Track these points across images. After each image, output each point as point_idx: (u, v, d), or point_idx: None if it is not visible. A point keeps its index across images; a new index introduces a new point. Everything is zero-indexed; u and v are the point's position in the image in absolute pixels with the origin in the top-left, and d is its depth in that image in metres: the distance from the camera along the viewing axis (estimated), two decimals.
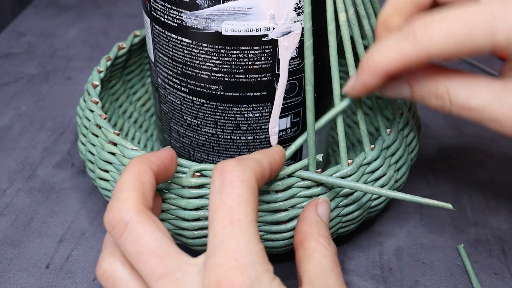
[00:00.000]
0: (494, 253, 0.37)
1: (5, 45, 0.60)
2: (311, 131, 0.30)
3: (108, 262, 0.25)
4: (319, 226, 0.28)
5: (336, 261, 0.27)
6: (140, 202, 0.24)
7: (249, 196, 0.24)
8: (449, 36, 0.23)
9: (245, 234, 0.23)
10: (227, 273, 0.22)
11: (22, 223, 0.39)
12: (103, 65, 0.39)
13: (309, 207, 0.30)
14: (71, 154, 0.45)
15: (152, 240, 0.23)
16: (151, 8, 0.32)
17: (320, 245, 0.27)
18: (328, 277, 0.26)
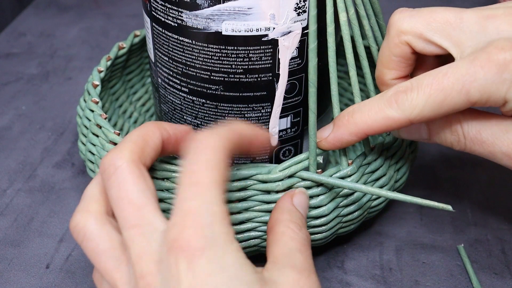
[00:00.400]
0: (494, 253, 0.37)
1: (5, 45, 0.60)
2: (313, 132, 0.30)
3: (81, 216, 0.25)
4: (292, 214, 0.28)
5: (306, 245, 0.26)
6: (136, 155, 0.25)
7: (215, 161, 0.24)
8: (428, 102, 0.25)
9: (206, 195, 0.23)
10: (183, 231, 0.22)
11: (22, 223, 0.39)
12: (103, 65, 0.39)
13: (284, 197, 0.30)
14: (71, 154, 0.45)
15: (135, 190, 0.24)
16: (151, 8, 0.32)
17: (289, 229, 0.27)
18: (295, 257, 0.25)
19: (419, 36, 0.27)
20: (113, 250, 0.25)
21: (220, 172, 0.24)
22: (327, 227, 0.32)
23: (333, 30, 0.29)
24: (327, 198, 0.31)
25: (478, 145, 0.26)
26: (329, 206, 0.32)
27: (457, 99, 0.25)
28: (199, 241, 0.22)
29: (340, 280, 0.35)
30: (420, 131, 0.29)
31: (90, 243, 0.25)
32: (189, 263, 0.22)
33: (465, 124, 0.27)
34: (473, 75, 0.24)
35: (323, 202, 0.31)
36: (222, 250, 0.22)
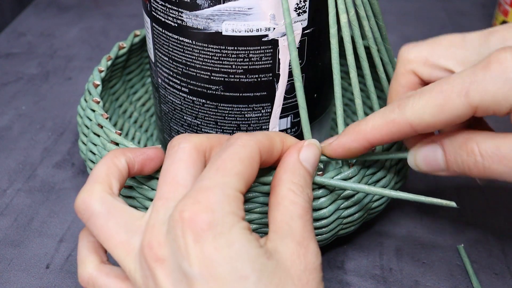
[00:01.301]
0: (494, 253, 0.37)
1: (5, 45, 0.60)
2: (306, 129, 0.30)
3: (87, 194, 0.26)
4: (296, 172, 0.27)
5: (307, 208, 0.26)
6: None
7: (244, 155, 0.25)
8: (428, 105, 0.25)
9: (224, 178, 0.24)
10: (192, 205, 0.23)
11: (22, 223, 0.39)
12: (103, 65, 0.39)
13: (291, 151, 0.28)
14: (71, 154, 0.45)
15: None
16: (152, 8, 0.32)
17: (291, 192, 0.26)
18: (295, 223, 0.25)
19: (425, 62, 0.27)
20: (123, 224, 0.25)
21: (244, 166, 0.25)
22: (328, 229, 0.32)
23: (336, 31, 0.29)
24: (328, 200, 0.31)
25: (497, 162, 0.25)
26: (330, 208, 0.32)
27: (457, 102, 0.24)
28: (206, 216, 0.23)
29: (340, 280, 0.35)
30: (436, 158, 0.28)
31: (98, 219, 0.26)
32: (196, 237, 0.23)
33: (482, 143, 0.25)
34: (473, 77, 0.24)
35: (324, 204, 0.31)
36: (229, 226, 0.23)
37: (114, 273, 0.26)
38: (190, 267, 0.22)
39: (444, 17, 0.66)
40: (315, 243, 0.25)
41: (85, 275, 0.27)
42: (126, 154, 0.28)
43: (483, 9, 0.68)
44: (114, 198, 0.26)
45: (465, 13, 0.67)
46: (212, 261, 0.22)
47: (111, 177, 0.27)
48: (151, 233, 0.24)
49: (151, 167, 0.30)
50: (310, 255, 0.25)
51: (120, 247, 0.25)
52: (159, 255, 0.24)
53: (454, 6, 0.68)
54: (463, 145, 0.26)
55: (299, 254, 0.24)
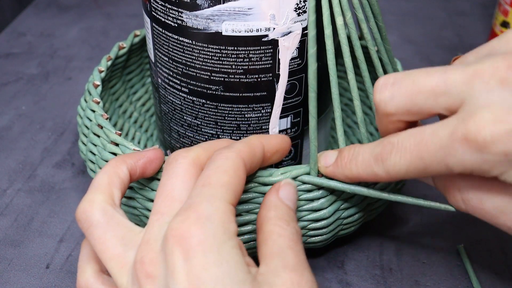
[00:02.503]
0: (494, 253, 0.37)
1: (5, 45, 0.60)
2: (313, 137, 0.30)
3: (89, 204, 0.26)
4: (278, 209, 0.27)
5: (296, 240, 0.26)
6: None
7: (227, 167, 0.25)
8: (410, 169, 0.24)
9: (211, 191, 0.24)
10: (183, 221, 0.23)
11: (22, 223, 0.39)
12: (103, 65, 0.39)
13: (269, 192, 0.29)
14: (71, 154, 0.45)
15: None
16: (151, 8, 0.32)
17: (277, 226, 0.26)
18: (285, 254, 0.25)
19: (407, 113, 0.25)
20: (121, 238, 0.25)
21: (229, 176, 0.25)
22: (328, 230, 0.32)
23: (331, 32, 0.29)
24: (328, 201, 0.31)
25: (481, 215, 0.25)
26: (330, 209, 0.32)
27: (438, 169, 0.23)
28: (197, 232, 0.23)
29: (340, 280, 0.35)
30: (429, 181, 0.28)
31: (96, 230, 0.26)
32: (185, 254, 0.22)
33: (465, 192, 0.25)
34: (452, 150, 0.22)
35: (323, 205, 0.31)
36: (219, 245, 0.23)
37: (109, 283, 0.26)
38: (175, 285, 0.22)
39: (444, 17, 0.66)
40: (310, 273, 0.25)
41: (82, 281, 0.27)
42: (127, 161, 0.28)
43: (483, 9, 0.68)
44: (115, 209, 0.26)
45: (465, 13, 0.67)
46: (199, 280, 0.22)
47: (113, 187, 0.27)
48: (144, 249, 0.24)
49: (152, 169, 0.30)
50: (305, 283, 0.24)
51: (114, 260, 0.25)
52: (149, 272, 0.23)
53: (454, 6, 0.68)
54: (447, 186, 0.26)
55: (293, 283, 0.24)
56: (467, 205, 0.25)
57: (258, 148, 0.28)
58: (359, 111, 0.31)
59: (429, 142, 0.23)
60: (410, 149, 0.24)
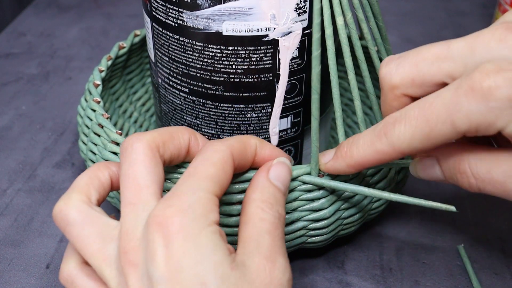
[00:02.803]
0: (494, 253, 0.37)
1: (5, 45, 0.60)
2: (315, 138, 0.30)
3: (64, 203, 0.26)
4: (264, 190, 0.27)
5: (276, 224, 0.26)
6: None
7: (216, 159, 0.26)
8: (415, 135, 0.24)
9: (197, 182, 0.24)
10: (164, 209, 0.23)
11: (22, 223, 0.39)
12: (104, 65, 0.39)
13: (259, 171, 0.28)
14: (71, 154, 0.45)
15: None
16: (152, 8, 0.32)
17: (259, 209, 0.26)
18: (263, 239, 0.25)
19: (412, 83, 0.25)
20: (98, 233, 0.25)
21: (216, 169, 0.25)
22: (328, 230, 0.32)
23: (331, 32, 0.29)
24: (328, 201, 0.31)
25: (491, 185, 0.24)
26: (330, 209, 0.32)
27: (443, 130, 0.23)
28: (177, 218, 0.23)
29: (340, 280, 0.35)
30: (434, 170, 0.27)
31: (73, 228, 0.26)
32: (165, 240, 0.23)
33: (474, 165, 0.25)
34: (457, 104, 0.22)
35: (324, 205, 0.31)
36: (199, 229, 0.23)
37: (94, 277, 0.26)
38: (155, 271, 0.22)
39: (444, 17, 0.66)
40: (284, 258, 0.25)
41: (65, 271, 0.27)
42: (110, 168, 0.28)
43: (483, 9, 0.68)
44: (90, 207, 0.26)
45: (465, 13, 0.67)
46: (179, 264, 0.22)
47: (91, 187, 0.27)
48: (124, 240, 0.24)
49: None
50: (277, 270, 0.24)
51: (95, 255, 0.25)
52: (132, 260, 0.24)
53: (454, 6, 0.68)
54: (456, 165, 0.26)
55: (265, 268, 0.24)
56: (477, 178, 0.25)
57: (250, 147, 0.28)
58: (360, 111, 0.31)
59: (434, 102, 0.23)
60: (414, 115, 0.24)
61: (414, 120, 0.24)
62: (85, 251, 0.25)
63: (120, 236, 0.25)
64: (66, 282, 0.27)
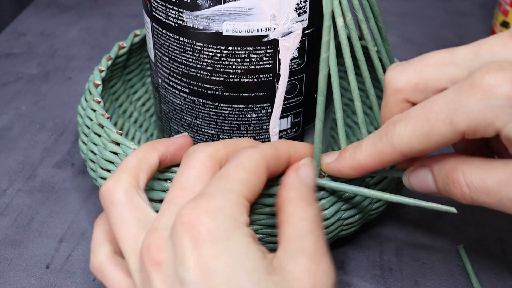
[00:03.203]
0: (494, 253, 0.37)
1: (5, 45, 0.60)
2: (318, 140, 0.30)
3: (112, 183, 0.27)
4: (299, 189, 0.27)
5: (317, 223, 0.25)
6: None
7: (248, 165, 0.25)
8: (414, 134, 0.24)
9: (227, 185, 0.24)
10: (192, 209, 0.23)
11: (22, 223, 0.39)
12: (104, 65, 0.39)
13: (289, 172, 0.28)
14: (71, 154, 0.45)
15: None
16: (152, 8, 0.32)
17: (298, 208, 0.26)
18: (305, 239, 0.24)
19: (415, 88, 0.25)
20: (137, 220, 0.25)
21: (249, 174, 0.25)
22: (328, 230, 0.32)
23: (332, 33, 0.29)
24: (329, 202, 0.31)
25: (484, 195, 0.24)
26: (330, 210, 0.32)
27: (443, 129, 0.23)
28: (206, 219, 0.22)
29: (340, 281, 0.35)
30: (427, 181, 0.27)
31: (115, 208, 0.26)
32: (194, 242, 0.22)
33: (468, 173, 0.24)
34: (457, 103, 0.22)
35: (324, 206, 0.31)
36: (230, 232, 0.23)
37: (122, 267, 0.26)
38: (186, 273, 0.22)
39: (444, 17, 0.66)
40: (328, 259, 0.24)
41: (96, 261, 0.27)
42: (157, 147, 0.29)
43: (483, 9, 0.68)
44: (137, 192, 0.26)
45: (465, 13, 0.67)
46: (210, 268, 0.22)
47: (140, 170, 0.27)
48: (151, 236, 0.24)
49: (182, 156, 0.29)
50: (321, 272, 0.24)
51: (127, 242, 0.25)
52: (156, 259, 0.23)
53: (454, 6, 0.68)
54: (449, 174, 0.25)
55: (309, 271, 0.23)
56: (470, 188, 0.24)
57: (284, 153, 0.28)
58: (360, 112, 0.31)
59: (435, 102, 0.23)
60: (415, 114, 0.24)
61: (414, 118, 0.24)
62: (119, 234, 0.26)
63: (149, 231, 0.24)
64: (97, 272, 0.27)
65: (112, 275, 0.26)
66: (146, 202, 0.27)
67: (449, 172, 0.25)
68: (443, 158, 0.26)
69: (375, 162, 0.27)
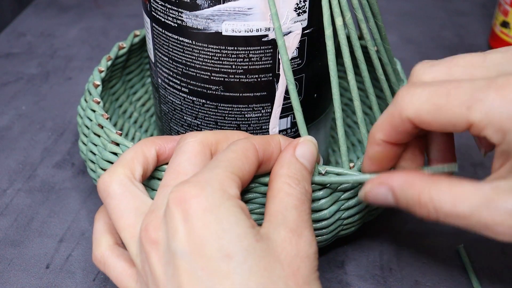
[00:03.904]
0: (494, 253, 0.37)
1: (5, 45, 0.60)
2: (303, 132, 0.30)
3: (108, 176, 0.27)
4: (291, 166, 0.27)
5: (303, 200, 0.26)
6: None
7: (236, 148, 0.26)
8: (428, 102, 0.24)
9: (216, 164, 0.25)
10: (183, 186, 0.24)
11: (22, 223, 0.39)
12: (103, 65, 0.39)
13: (286, 148, 0.28)
14: (71, 154, 0.45)
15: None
16: (151, 8, 0.32)
17: (285, 184, 0.26)
18: (289, 213, 0.25)
19: None
20: (135, 209, 0.26)
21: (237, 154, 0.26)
22: (328, 230, 0.32)
23: (331, 33, 0.29)
24: (329, 201, 0.31)
25: (452, 219, 0.24)
26: (330, 209, 0.32)
27: (457, 110, 0.23)
28: (195, 192, 0.23)
29: (340, 281, 0.35)
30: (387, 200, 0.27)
31: (112, 200, 0.27)
32: (185, 215, 0.23)
33: (436, 199, 0.24)
34: (483, 94, 0.22)
35: (324, 206, 0.31)
36: (219, 203, 0.23)
37: (124, 257, 0.27)
38: (177, 245, 0.23)
39: (444, 17, 0.66)
40: (310, 231, 0.25)
41: (98, 253, 0.28)
42: (156, 141, 0.29)
43: (483, 9, 0.68)
44: (132, 183, 0.27)
45: (465, 13, 0.67)
46: (200, 237, 0.23)
47: (136, 163, 0.28)
48: (148, 217, 0.25)
49: None
50: (303, 242, 0.25)
51: (127, 230, 0.26)
52: (153, 238, 0.24)
53: (454, 6, 0.68)
54: (416, 197, 0.25)
55: (291, 241, 0.24)
56: (438, 211, 0.24)
57: (273, 141, 0.29)
58: (359, 111, 0.31)
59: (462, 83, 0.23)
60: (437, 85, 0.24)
61: (435, 88, 0.24)
62: (118, 223, 0.26)
63: (146, 214, 0.25)
64: (99, 263, 0.28)
65: (114, 265, 0.27)
66: (143, 191, 0.27)
67: (415, 196, 0.25)
68: (407, 180, 0.25)
69: (386, 129, 0.26)
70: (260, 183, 0.30)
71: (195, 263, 0.23)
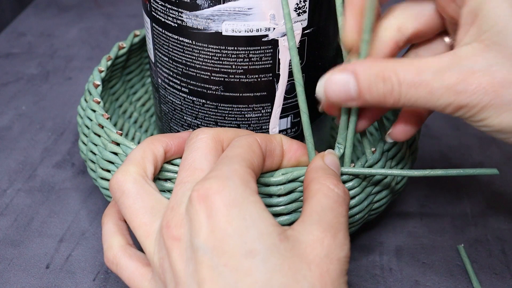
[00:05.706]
0: (494, 253, 0.37)
1: (5, 45, 0.60)
2: (308, 133, 0.30)
3: (122, 175, 0.27)
4: (327, 171, 0.27)
5: (340, 202, 0.26)
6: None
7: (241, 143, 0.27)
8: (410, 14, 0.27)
9: (230, 160, 0.25)
10: (205, 182, 0.24)
11: (22, 223, 0.39)
12: (103, 65, 0.39)
13: (315, 158, 0.29)
14: (71, 154, 0.45)
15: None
16: (151, 9, 0.32)
17: (324, 186, 0.26)
18: (325, 214, 0.25)
19: None
20: (150, 207, 0.26)
21: (244, 149, 0.26)
22: None
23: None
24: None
25: (414, 88, 0.24)
26: None
27: None
28: (218, 189, 0.23)
29: None
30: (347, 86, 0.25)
31: (127, 199, 0.27)
32: (208, 211, 0.23)
33: (401, 71, 0.24)
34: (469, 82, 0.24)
35: None
36: (241, 200, 0.23)
37: (137, 257, 0.27)
38: (200, 241, 0.23)
39: None
40: (345, 235, 0.24)
41: (110, 255, 0.28)
42: (162, 139, 0.29)
43: None
44: (146, 181, 0.27)
45: None
46: (223, 233, 0.22)
47: (146, 161, 0.28)
48: (169, 215, 0.25)
49: None
50: (335, 245, 0.24)
51: (142, 228, 0.26)
52: (175, 235, 0.24)
53: None
54: (379, 73, 0.25)
55: (323, 241, 0.24)
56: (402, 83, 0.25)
57: (274, 137, 0.29)
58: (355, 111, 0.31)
59: None
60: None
61: None
62: (133, 222, 0.26)
63: (165, 211, 0.25)
64: (112, 265, 0.28)
65: (126, 266, 0.27)
66: (156, 189, 0.27)
67: (379, 71, 0.25)
68: (370, 61, 0.25)
69: None
70: (260, 183, 0.30)
71: (218, 259, 0.22)
